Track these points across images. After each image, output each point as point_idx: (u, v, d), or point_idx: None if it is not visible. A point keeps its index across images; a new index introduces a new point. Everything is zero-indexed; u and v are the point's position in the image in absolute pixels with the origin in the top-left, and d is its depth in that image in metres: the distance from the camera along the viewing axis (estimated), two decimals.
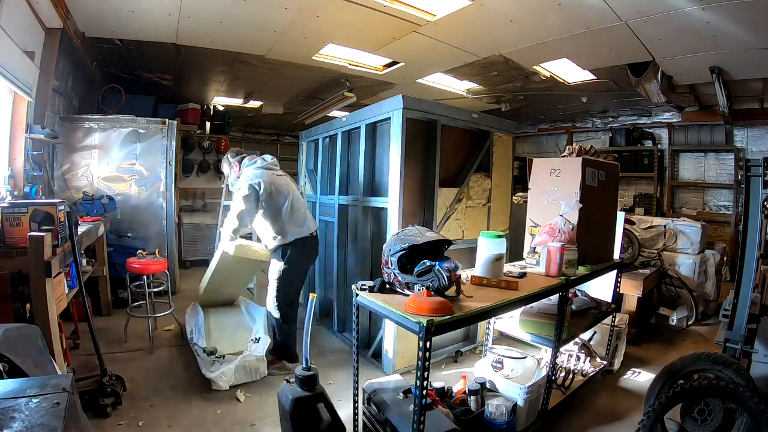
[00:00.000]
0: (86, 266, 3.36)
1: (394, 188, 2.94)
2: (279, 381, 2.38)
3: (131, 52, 4.48)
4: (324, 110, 6.80)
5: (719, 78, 4.34)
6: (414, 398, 1.66)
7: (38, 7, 3.13)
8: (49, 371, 1.44)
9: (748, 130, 6.00)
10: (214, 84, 6.15)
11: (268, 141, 10.88)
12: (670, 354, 3.35)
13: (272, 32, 4.03)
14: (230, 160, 3.13)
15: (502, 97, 6.37)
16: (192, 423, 2.33)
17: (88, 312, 2.50)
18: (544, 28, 3.73)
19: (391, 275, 1.87)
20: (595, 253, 2.63)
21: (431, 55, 4.55)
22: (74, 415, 0.93)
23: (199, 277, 5.47)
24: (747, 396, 1.77)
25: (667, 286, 4.22)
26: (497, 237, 2.09)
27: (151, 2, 3.41)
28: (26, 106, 3.31)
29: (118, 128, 4.49)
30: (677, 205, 6.83)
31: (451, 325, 1.62)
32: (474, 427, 2.07)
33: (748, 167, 2.21)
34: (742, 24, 3.23)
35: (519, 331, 2.46)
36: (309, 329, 1.98)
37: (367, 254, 3.32)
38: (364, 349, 3.25)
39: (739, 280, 2.20)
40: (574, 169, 2.49)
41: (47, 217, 2.22)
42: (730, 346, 2.16)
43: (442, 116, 3.13)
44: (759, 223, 2.14)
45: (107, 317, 3.89)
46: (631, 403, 2.69)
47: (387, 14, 3.54)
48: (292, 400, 1.90)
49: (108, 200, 4.13)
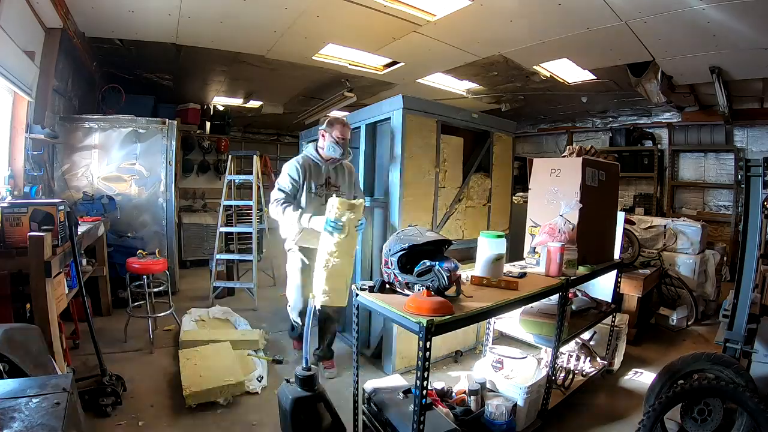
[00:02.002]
0: (86, 266, 3.36)
1: (394, 188, 2.94)
2: (280, 381, 2.38)
3: (131, 52, 4.48)
4: (324, 110, 6.80)
5: (719, 78, 4.34)
6: (414, 398, 1.66)
7: (38, 7, 3.13)
8: (49, 371, 1.44)
9: (748, 130, 6.00)
10: (214, 84, 6.15)
11: (268, 141, 10.89)
12: (670, 354, 3.35)
13: (272, 32, 4.03)
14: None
15: (502, 97, 6.37)
16: (192, 423, 2.33)
17: (88, 312, 2.50)
18: (544, 28, 3.73)
19: (391, 275, 1.87)
20: (595, 253, 2.63)
21: (431, 55, 4.56)
22: (74, 415, 0.94)
23: (199, 277, 5.52)
24: (747, 396, 1.78)
25: (667, 286, 4.22)
26: (497, 237, 2.09)
27: (151, 2, 3.41)
28: (26, 106, 3.31)
29: (118, 128, 4.49)
30: (677, 205, 6.83)
31: (451, 325, 1.62)
32: (474, 427, 2.07)
33: (748, 167, 2.22)
34: (743, 23, 3.23)
35: (519, 331, 2.46)
36: (309, 329, 1.98)
37: (367, 254, 3.32)
38: (364, 349, 3.25)
39: (739, 280, 2.20)
40: (574, 169, 2.49)
41: (47, 217, 2.22)
42: (730, 346, 2.17)
43: (442, 116, 3.13)
44: (759, 223, 2.15)
45: (107, 317, 3.88)
46: (631, 403, 2.68)
47: (387, 14, 3.55)
48: (292, 400, 1.90)
49: (108, 200, 4.13)
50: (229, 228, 4.93)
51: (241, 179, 4.98)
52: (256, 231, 4.60)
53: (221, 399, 2.49)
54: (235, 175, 4.92)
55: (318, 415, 1.98)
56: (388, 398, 2.00)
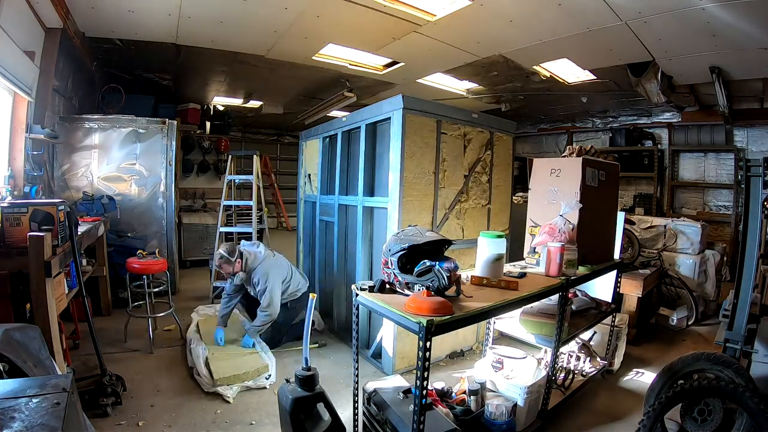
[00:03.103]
0: (86, 266, 3.36)
1: (394, 188, 2.94)
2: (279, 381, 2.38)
3: (131, 52, 4.48)
4: (324, 110, 6.81)
5: (719, 78, 4.34)
6: (414, 398, 1.66)
7: (38, 7, 3.13)
8: (49, 371, 1.44)
9: (748, 130, 6.00)
10: (214, 84, 6.16)
11: (268, 141, 10.89)
12: (670, 354, 3.35)
13: (272, 32, 4.03)
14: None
15: (502, 97, 6.38)
16: (192, 423, 2.33)
17: (88, 312, 2.50)
18: (544, 28, 3.73)
19: (391, 275, 1.87)
20: (595, 253, 2.63)
21: (431, 55, 4.56)
22: (74, 415, 0.93)
23: (199, 277, 5.52)
24: (747, 396, 1.77)
25: (667, 286, 4.22)
26: (497, 237, 2.09)
27: (151, 2, 3.41)
28: (26, 106, 3.31)
29: (118, 128, 4.49)
30: (677, 205, 6.83)
31: (451, 325, 1.62)
32: (474, 427, 2.07)
33: (748, 167, 2.21)
34: (743, 23, 3.23)
35: (519, 331, 2.46)
36: (308, 329, 1.98)
37: (367, 254, 3.32)
38: (364, 349, 3.25)
39: (739, 280, 2.20)
40: (574, 169, 2.49)
41: (47, 217, 2.22)
42: (730, 346, 2.16)
43: (443, 116, 3.13)
44: (759, 223, 2.14)
45: (107, 317, 3.89)
46: (631, 403, 2.68)
47: (387, 14, 3.55)
48: (292, 400, 1.90)
49: (108, 200, 4.13)
50: (229, 228, 4.93)
51: (241, 179, 4.98)
52: (256, 231, 4.60)
53: (250, 382, 2.71)
54: (235, 175, 4.93)
55: (318, 414, 1.98)
56: (388, 398, 2.00)
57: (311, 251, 4.33)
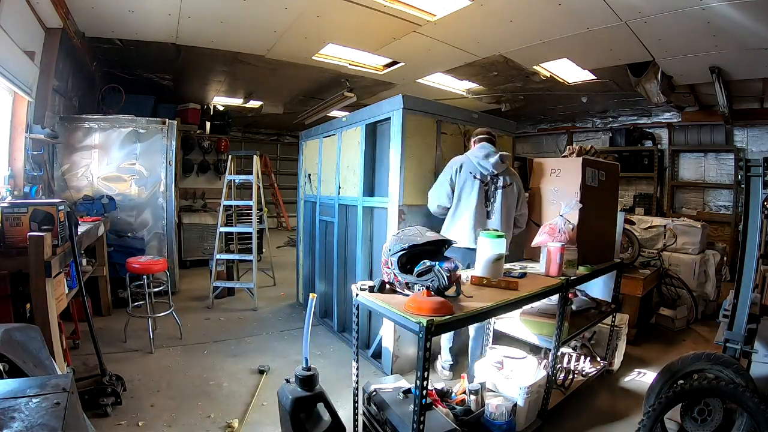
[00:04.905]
0: (86, 266, 3.36)
1: (394, 188, 2.94)
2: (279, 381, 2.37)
3: (131, 52, 4.49)
4: (324, 110, 6.81)
5: (719, 78, 4.34)
6: (414, 398, 1.66)
7: (38, 7, 3.13)
8: (49, 371, 1.44)
9: (748, 130, 6.00)
10: (214, 84, 6.16)
11: (268, 141, 10.90)
12: (670, 354, 3.35)
13: (272, 32, 4.03)
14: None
15: (502, 97, 6.38)
16: (192, 423, 2.33)
17: (88, 312, 2.50)
18: (544, 28, 3.73)
19: (391, 275, 1.87)
20: (595, 253, 2.63)
21: (431, 55, 4.56)
22: (74, 415, 0.93)
23: (199, 277, 5.51)
24: (747, 396, 1.77)
25: (667, 286, 4.22)
26: (497, 237, 2.09)
27: (151, 2, 3.41)
28: (26, 106, 3.31)
29: (118, 128, 4.49)
30: (677, 205, 6.83)
31: (451, 325, 1.62)
32: (474, 427, 2.07)
33: (748, 167, 2.21)
34: (744, 22, 3.23)
35: (519, 331, 2.46)
36: (309, 329, 1.98)
37: (367, 254, 3.32)
38: (364, 349, 3.25)
39: (739, 280, 2.20)
40: (574, 169, 2.49)
41: (47, 217, 2.22)
42: (730, 346, 2.16)
43: (443, 116, 3.13)
44: (759, 223, 2.14)
45: (107, 317, 3.88)
46: (631, 403, 2.68)
47: (387, 14, 3.55)
48: (292, 400, 1.90)
49: (108, 200, 4.13)
50: (229, 228, 4.93)
51: (241, 179, 4.98)
52: (256, 231, 4.60)
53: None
54: (235, 175, 4.92)
55: (318, 414, 1.98)
56: (388, 398, 2.00)
57: (311, 251, 4.33)
